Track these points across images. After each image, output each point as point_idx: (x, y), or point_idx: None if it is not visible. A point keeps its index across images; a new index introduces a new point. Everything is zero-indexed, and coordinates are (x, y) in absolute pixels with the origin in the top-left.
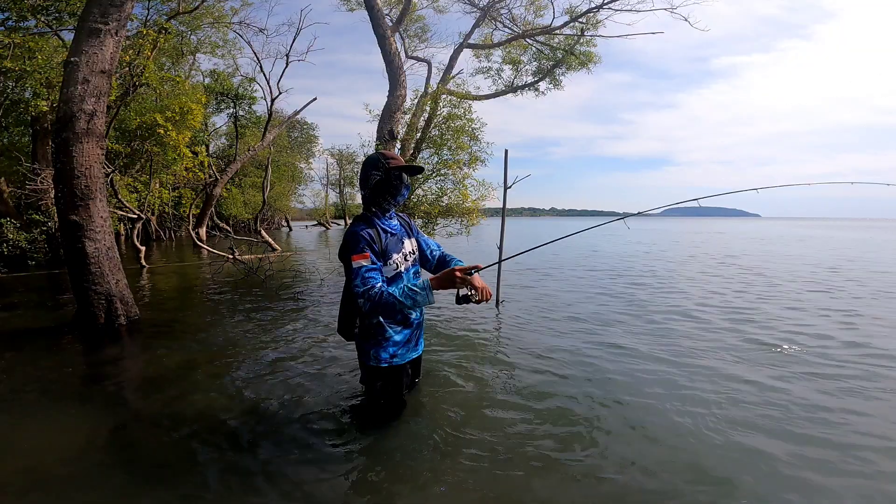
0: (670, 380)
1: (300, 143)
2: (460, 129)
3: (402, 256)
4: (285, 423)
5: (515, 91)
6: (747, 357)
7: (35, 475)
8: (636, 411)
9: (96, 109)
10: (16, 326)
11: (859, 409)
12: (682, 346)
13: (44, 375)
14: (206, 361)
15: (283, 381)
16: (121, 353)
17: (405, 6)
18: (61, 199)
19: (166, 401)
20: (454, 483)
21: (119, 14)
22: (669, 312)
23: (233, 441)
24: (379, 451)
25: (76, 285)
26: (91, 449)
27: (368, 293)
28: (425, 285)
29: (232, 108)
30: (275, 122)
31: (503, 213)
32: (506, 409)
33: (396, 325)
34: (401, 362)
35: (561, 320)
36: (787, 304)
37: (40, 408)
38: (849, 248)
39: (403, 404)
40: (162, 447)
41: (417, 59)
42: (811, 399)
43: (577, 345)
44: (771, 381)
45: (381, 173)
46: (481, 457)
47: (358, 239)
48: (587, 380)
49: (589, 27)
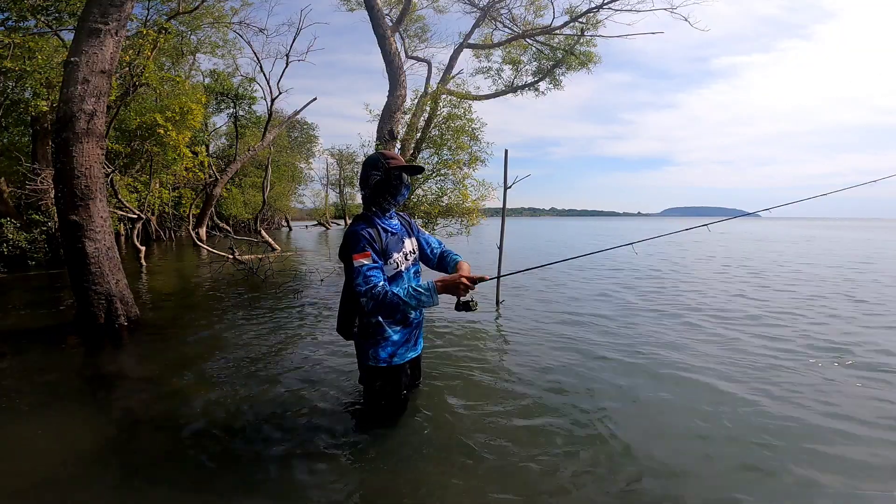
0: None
1: (300, 143)
2: (460, 129)
3: (403, 256)
4: (285, 424)
5: (515, 91)
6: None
7: (35, 475)
8: (639, 409)
9: (96, 109)
10: (16, 326)
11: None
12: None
13: (44, 375)
14: (206, 361)
15: (282, 380)
16: (121, 353)
17: (405, 6)
18: (61, 199)
19: (166, 401)
20: (455, 484)
21: (119, 14)
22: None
23: (232, 441)
24: (379, 452)
25: (76, 285)
26: (91, 449)
27: (371, 292)
28: (430, 287)
29: (232, 108)
30: (275, 122)
31: (503, 213)
32: (506, 409)
33: (395, 324)
34: (400, 362)
35: (561, 320)
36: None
37: (40, 408)
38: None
39: (403, 404)
40: (162, 447)
41: (417, 59)
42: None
43: (577, 344)
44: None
45: (380, 173)
46: (482, 457)
47: (359, 238)
48: (589, 379)
49: (589, 27)
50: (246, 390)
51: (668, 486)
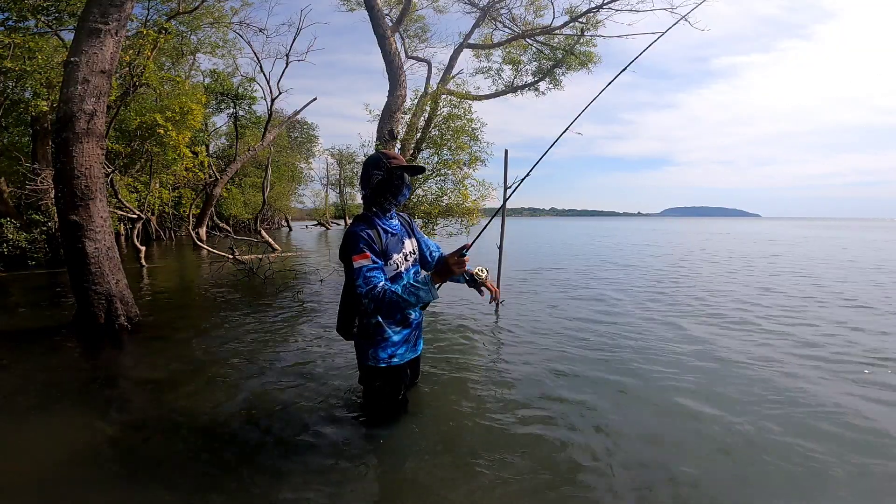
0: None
1: (300, 143)
2: (460, 129)
3: (403, 256)
4: (285, 424)
5: (515, 91)
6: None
7: (35, 476)
8: (639, 409)
9: (96, 109)
10: (16, 326)
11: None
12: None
13: (44, 375)
14: (206, 361)
15: (282, 380)
16: (121, 353)
17: (405, 6)
18: (61, 199)
19: (166, 401)
20: (453, 484)
21: (119, 14)
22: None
23: (232, 441)
24: (378, 452)
25: (76, 285)
26: (91, 449)
27: (372, 292)
28: (427, 280)
29: (232, 108)
30: (275, 122)
31: (503, 213)
32: (505, 409)
33: (395, 325)
34: (399, 362)
35: (562, 320)
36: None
37: (40, 408)
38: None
39: (403, 405)
40: (161, 447)
41: (417, 59)
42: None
43: (578, 345)
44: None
45: (382, 173)
46: (480, 457)
47: (358, 239)
48: (589, 379)
49: (589, 27)
50: (245, 390)
51: (669, 486)
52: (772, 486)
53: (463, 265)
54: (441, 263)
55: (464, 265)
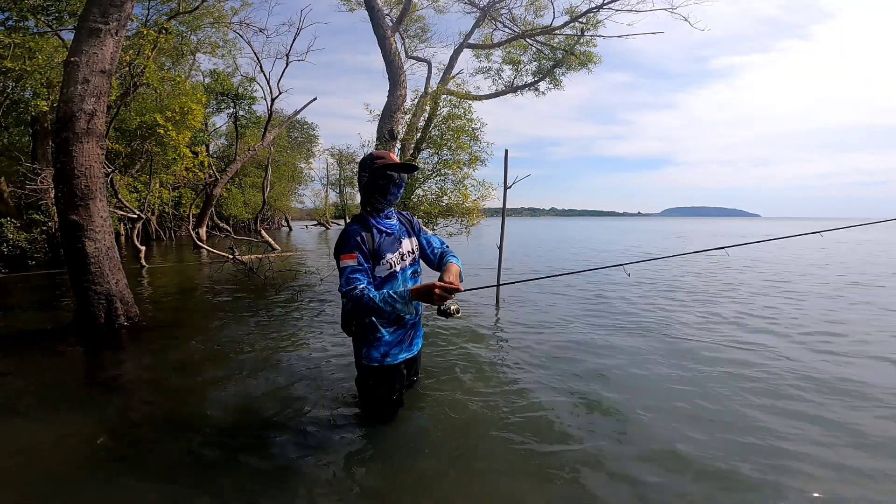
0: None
1: (300, 143)
2: (460, 129)
3: (399, 256)
4: (284, 423)
5: (515, 91)
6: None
7: (36, 476)
8: (639, 408)
9: (96, 109)
10: (16, 327)
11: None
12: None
13: (44, 376)
14: (206, 361)
15: (282, 380)
16: (121, 353)
17: (405, 6)
18: (61, 199)
19: (166, 401)
20: (450, 484)
21: (119, 14)
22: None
23: (231, 440)
24: (375, 451)
25: (76, 285)
26: (91, 449)
27: (350, 294)
28: (405, 296)
29: (232, 108)
30: (275, 122)
31: (503, 212)
32: (504, 408)
33: (389, 325)
34: (393, 362)
35: (563, 321)
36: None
37: (40, 408)
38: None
39: (398, 404)
40: (161, 447)
41: (417, 59)
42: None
43: (579, 345)
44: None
45: (367, 174)
46: (479, 456)
47: (347, 239)
48: (589, 380)
49: (589, 27)
50: (245, 389)
51: (670, 488)
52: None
53: (444, 301)
54: (425, 286)
55: (444, 301)
